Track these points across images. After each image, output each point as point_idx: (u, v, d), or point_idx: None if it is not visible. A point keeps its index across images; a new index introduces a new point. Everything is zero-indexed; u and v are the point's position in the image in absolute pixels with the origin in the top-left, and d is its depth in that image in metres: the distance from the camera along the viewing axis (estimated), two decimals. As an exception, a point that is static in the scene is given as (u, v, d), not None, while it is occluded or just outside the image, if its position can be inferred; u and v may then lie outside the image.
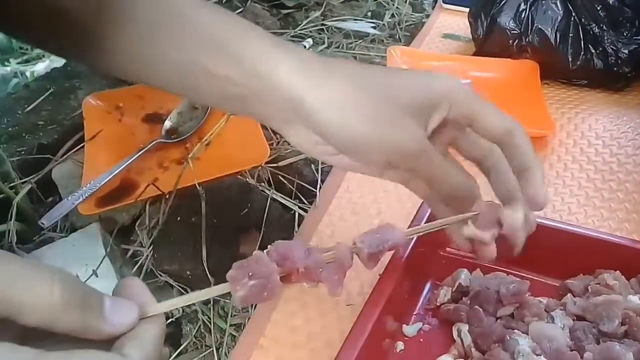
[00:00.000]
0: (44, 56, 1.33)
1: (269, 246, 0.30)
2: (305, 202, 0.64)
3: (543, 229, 0.56)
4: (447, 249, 0.59)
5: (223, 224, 0.57)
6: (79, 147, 0.79)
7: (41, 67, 1.23)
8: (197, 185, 0.62)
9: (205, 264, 0.56)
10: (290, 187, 0.64)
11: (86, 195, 0.69)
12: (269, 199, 0.60)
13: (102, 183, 0.71)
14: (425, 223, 0.56)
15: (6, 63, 1.28)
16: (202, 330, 0.55)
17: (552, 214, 0.63)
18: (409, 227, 0.56)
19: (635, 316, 0.47)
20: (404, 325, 0.51)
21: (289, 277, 0.30)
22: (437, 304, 0.53)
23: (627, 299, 0.49)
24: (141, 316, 0.28)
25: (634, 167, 0.68)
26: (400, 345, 0.50)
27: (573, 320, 0.50)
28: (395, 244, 0.33)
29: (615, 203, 0.64)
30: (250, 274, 0.29)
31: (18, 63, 1.29)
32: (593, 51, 0.80)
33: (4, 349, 0.22)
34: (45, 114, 0.84)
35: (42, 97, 0.87)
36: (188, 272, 0.58)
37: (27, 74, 1.19)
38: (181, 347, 0.55)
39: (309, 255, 0.31)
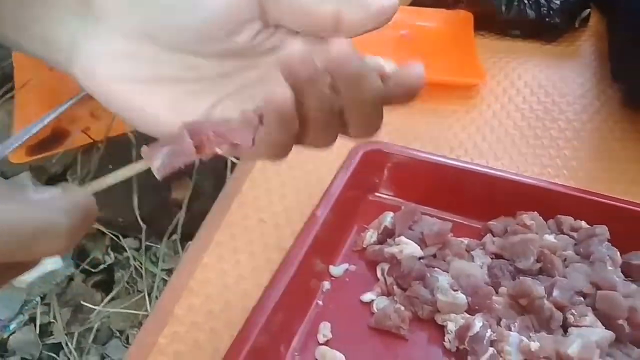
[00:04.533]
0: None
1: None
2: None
3: (466, 173, 0.58)
4: (376, 193, 0.60)
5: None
6: (8, 95, 0.76)
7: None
8: (129, 133, 0.61)
9: (136, 211, 0.56)
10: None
11: (17, 143, 0.68)
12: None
13: (33, 132, 0.69)
14: (355, 168, 0.58)
15: None
16: (134, 276, 0.55)
17: (479, 159, 0.65)
18: (338, 172, 0.57)
19: (549, 253, 0.50)
20: (331, 266, 0.53)
21: (202, 147, 0.31)
22: (364, 246, 0.54)
23: (542, 237, 0.51)
24: None
25: (559, 114, 0.71)
26: (326, 285, 0.51)
27: (492, 258, 0.52)
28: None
29: (540, 149, 0.67)
30: (162, 145, 0.30)
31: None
32: (526, 2, 0.81)
33: None
34: (-29, 61, 0.81)
35: (-34, 44, 0.83)
36: (120, 219, 0.58)
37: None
38: (113, 293, 0.55)
39: (215, 124, 0.31)
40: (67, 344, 0.59)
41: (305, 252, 0.48)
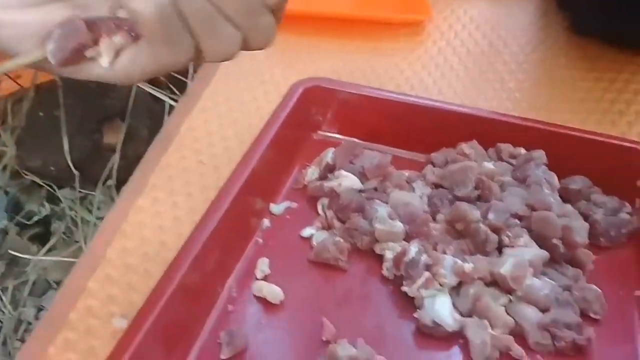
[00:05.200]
0: None
1: None
2: (178, 93, 0.62)
3: (408, 106, 0.57)
4: (319, 132, 0.59)
5: (86, 116, 0.55)
6: None
7: None
8: (57, 78, 0.59)
9: (68, 158, 0.54)
10: (162, 77, 0.62)
11: (-59, 96, 0.65)
12: (133, 88, 0.57)
13: (-40, 84, 0.66)
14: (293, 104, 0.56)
15: None
16: (70, 226, 0.53)
17: (423, 93, 0.64)
18: (277, 109, 0.56)
19: (487, 180, 0.49)
20: (271, 204, 0.52)
21: (99, 33, 0.29)
22: (305, 183, 0.53)
23: (481, 165, 0.51)
24: None
25: (504, 48, 0.70)
26: (266, 223, 0.50)
27: (432, 188, 0.51)
28: None
29: (484, 82, 0.66)
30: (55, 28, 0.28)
31: None
32: (472, -64, 0.79)
33: None
34: None
35: None
36: (52, 168, 0.56)
37: None
38: (49, 244, 0.53)
39: (115, 17, 0.29)
40: (1, 298, 0.57)
41: (239, 189, 0.47)
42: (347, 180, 0.50)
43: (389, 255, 0.46)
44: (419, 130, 0.57)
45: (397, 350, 0.41)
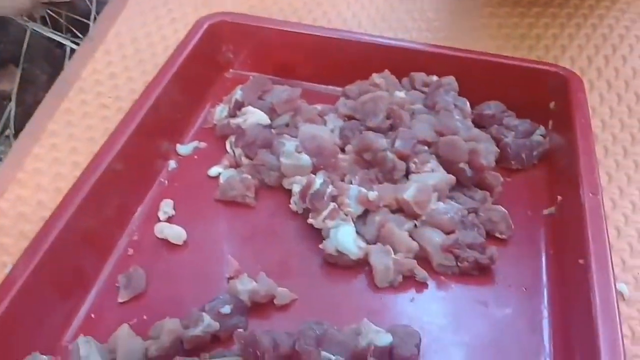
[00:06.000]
0: None
1: None
2: (81, 36, 0.58)
3: (321, 39, 0.55)
4: (231, 70, 0.57)
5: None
6: None
7: None
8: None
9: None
10: (61, 20, 0.58)
11: None
12: (28, 32, 0.53)
13: None
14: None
15: None
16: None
17: (342, 26, 0.62)
18: (179, 45, 0.53)
19: (398, 109, 0.48)
20: (178, 145, 0.50)
21: None
22: (215, 123, 0.51)
23: (393, 95, 0.50)
24: None
25: (424, -23, 0.68)
26: (172, 164, 0.48)
27: (344, 121, 0.50)
28: None
29: (404, 13, 0.64)
30: None
31: None
32: None
33: None
34: None
35: None
36: (-56, 120, 0.52)
37: None
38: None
39: None
40: None
41: (137, 129, 0.45)
42: (253, 116, 0.48)
43: (296, 189, 0.44)
44: (335, 63, 0.55)
45: (302, 281, 0.40)
